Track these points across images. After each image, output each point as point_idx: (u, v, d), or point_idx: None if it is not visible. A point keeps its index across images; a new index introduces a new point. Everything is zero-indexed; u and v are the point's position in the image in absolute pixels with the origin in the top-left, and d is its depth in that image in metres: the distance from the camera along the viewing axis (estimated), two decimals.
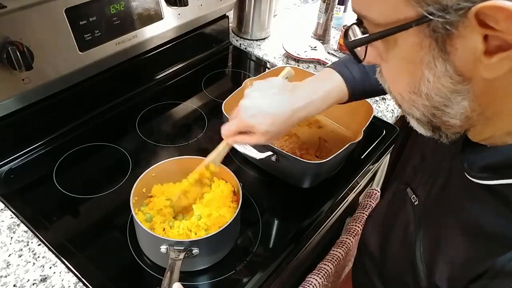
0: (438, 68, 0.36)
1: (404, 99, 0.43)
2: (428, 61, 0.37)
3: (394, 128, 1.02)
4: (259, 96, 0.63)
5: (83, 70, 0.87)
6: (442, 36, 0.34)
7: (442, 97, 0.39)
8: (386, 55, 0.41)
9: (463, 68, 0.36)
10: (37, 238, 0.71)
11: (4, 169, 0.83)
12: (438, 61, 0.36)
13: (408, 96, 0.42)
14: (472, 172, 0.44)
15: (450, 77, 0.37)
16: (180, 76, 1.15)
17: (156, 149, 0.91)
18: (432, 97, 0.39)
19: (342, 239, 0.93)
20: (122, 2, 0.89)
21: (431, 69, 0.37)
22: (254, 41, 1.32)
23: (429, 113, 0.41)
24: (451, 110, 0.40)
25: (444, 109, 0.40)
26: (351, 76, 0.66)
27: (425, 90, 0.39)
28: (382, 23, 0.37)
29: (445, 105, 0.39)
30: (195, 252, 0.64)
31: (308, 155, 0.91)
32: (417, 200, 0.58)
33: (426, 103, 0.40)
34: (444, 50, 0.35)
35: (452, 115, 0.40)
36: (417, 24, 0.34)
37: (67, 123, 0.93)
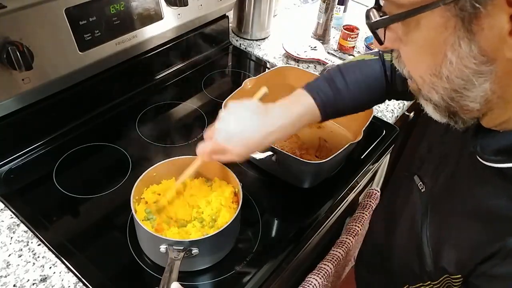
0: (463, 48, 0.36)
1: (425, 82, 0.42)
2: (453, 42, 0.36)
3: (394, 128, 1.02)
4: (233, 120, 0.64)
5: (83, 70, 0.87)
6: (469, 15, 0.34)
7: (464, 79, 0.38)
8: (406, 38, 0.40)
9: (488, 48, 0.36)
10: (37, 238, 0.71)
11: (4, 169, 0.83)
12: (463, 41, 0.36)
13: (429, 79, 0.41)
14: (485, 156, 0.44)
15: (474, 57, 0.36)
16: (180, 76, 1.15)
17: (156, 149, 0.91)
18: (453, 79, 0.39)
19: (342, 239, 0.93)
20: (122, 2, 0.89)
21: (454, 50, 0.37)
22: (254, 41, 1.32)
23: (448, 97, 0.41)
24: (471, 93, 0.39)
25: (464, 92, 0.39)
26: (322, 99, 0.67)
27: (446, 72, 0.39)
28: (406, 3, 0.37)
29: (465, 88, 0.39)
30: (195, 252, 0.64)
31: (308, 155, 0.91)
32: (424, 187, 0.58)
33: (447, 85, 0.40)
34: (470, 30, 0.35)
35: (472, 98, 0.40)
36: (445, 3, 0.34)
37: (67, 123, 0.93)
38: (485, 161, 0.44)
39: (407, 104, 1.14)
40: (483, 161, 0.44)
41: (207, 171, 0.78)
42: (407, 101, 1.12)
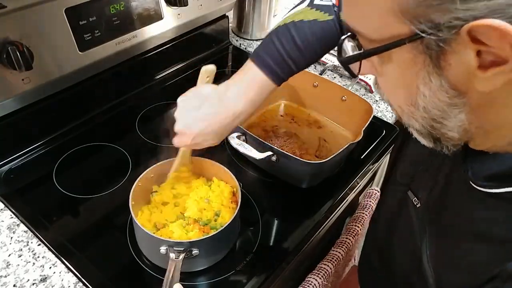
0: (433, 83, 0.37)
1: (403, 111, 0.43)
2: (423, 76, 0.37)
3: (394, 128, 1.02)
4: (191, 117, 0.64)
5: (83, 70, 0.87)
6: (436, 52, 0.34)
7: (440, 110, 0.39)
8: (381, 69, 0.41)
9: (458, 83, 0.36)
10: (37, 238, 0.71)
11: (4, 169, 0.83)
12: (433, 76, 0.36)
13: (407, 108, 0.42)
14: (478, 181, 0.44)
15: (446, 91, 0.37)
16: (180, 76, 1.15)
17: (156, 149, 0.91)
18: (430, 110, 0.39)
19: (342, 239, 0.93)
20: (122, 2, 0.89)
21: (426, 84, 0.37)
22: (254, 41, 1.32)
23: (428, 125, 0.41)
24: (449, 123, 0.40)
25: (442, 121, 0.40)
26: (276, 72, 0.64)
27: (422, 103, 0.39)
28: (376, 39, 0.37)
29: (443, 118, 0.39)
30: (195, 252, 0.64)
31: (308, 155, 0.91)
32: (419, 202, 0.57)
33: (425, 115, 0.40)
34: (438, 66, 0.35)
35: (450, 128, 0.40)
36: (410, 41, 0.34)
37: (67, 123, 0.93)
38: (477, 186, 0.44)
39: None
40: (475, 186, 0.44)
41: (206, 171, 0.78)
42: None
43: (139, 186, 0.71)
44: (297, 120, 1.01)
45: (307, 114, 1.02)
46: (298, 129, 0.99)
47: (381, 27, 0.36)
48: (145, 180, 0.72)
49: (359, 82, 1.15)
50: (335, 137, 0.97)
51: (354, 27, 0.39)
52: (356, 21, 0.39)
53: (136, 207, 0.70)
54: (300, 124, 1.00)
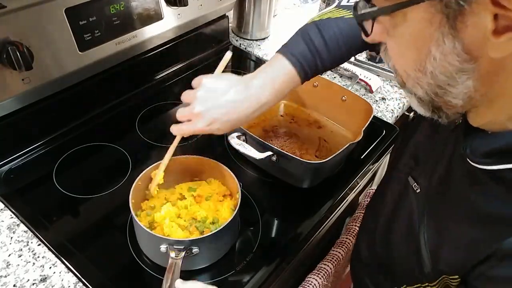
0: (447, 45, 0.37)
1: (409, 76, 0.43)
2: (437, 37, 0.37)
3: (394, 128, 1.02)
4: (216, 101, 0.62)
5: (83, 70, 0.87)
6: (453, 12, 0.34)
7: (447, 75, 0.39)
8: (393, 31, 0.41)
9: (471, 46, 0.36)
10: (37, 238, 0.71)
11: (4, 169, 0.83)
12: (447, 38, 0.36)
13: (413, 74, 0.42)
14: (475, 158, 0.44)
15: (458, 55, 0.37)
16: (180, 76, 1.15)
17: (156, 149, 0.91)
18: (437, 75, 0.39)
19: (342, 239, 0.93)
20: (122, 2, 0.89)
21: (439, 46, 0.37)
22: (254, 41, 1.32)
23: (432, 92, 0.42)
24: (454, 90, 0.40)
25: (448, 88, 0.40)
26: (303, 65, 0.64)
27: (430, 68, 0.39)
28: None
29: (449, 84, 0.39)
30: (195, 251, 0.64)
31: (308, 155, 0.91)
32: (419, 188, 0.58)
33: (431, 81, 0.40)
34: (454, 27, 0.35)
35: (455, 95, 0.40)
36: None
37: (67, 123, 0.93)
38: (475, 164, 0.44)
39: (407, 104, 1.14)
40: (474, 163, 0.44)
41: (205, 170, 0.78)
42: None
43: (139, 185, 0.71)
44: (297, 120, 1.01)
45: (307, 114, 1.02)
46: (298, 129, 0.99)
47: None
48: (145, 179, 0.72)
49: (359, 82, 1.15)
50: (335, 137, 0.97)
51: None
52: None
53: (136, 206, 0.70)
54: (300, 124, 1.00)
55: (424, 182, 0.57)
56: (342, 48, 0.65)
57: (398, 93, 1.15)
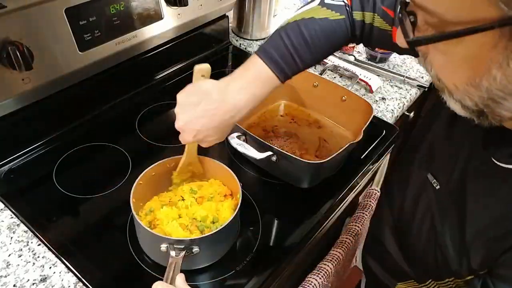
0: (511, 67, 0.35)
1: (458, 89, 0.41)
2: (501, 61, 0.35)
3: (394, 128, 1.02)
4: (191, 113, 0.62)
5: (83, 70, 0.87)
6: None
7: (505, 92, 0.37)
8: (445, 48, 0.38)
9: None
10: (37, 238, 0.71)
11: (4, 169, 0.83)
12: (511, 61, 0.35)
13: (463, 88, 0.40)
14: (499, 157, 0.44)
15: None
16: (180, 76, 1.15)
17: (156, 149, 0.91)
18: (492, 90, 0.38)
19: (342, 239, 0.93)
20: (122, 2, 0.89)
21: (501, 68, 0.35)
22: (254, 41, 1.32)
23: (482, 104, 0.40)
24: (508, 104, 0.38)
25: (501, 101, 0.38)
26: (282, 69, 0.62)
27: (486, 84, 0.37)
28: (454, 20, 0.35)
29: (504, 99, 0.38)
30: (195, 250, 0.64)
31: (308, 155, 0.91)
32: (438, 184, 0.57)
33: (484, 95, 0.39)
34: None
35: (506, 108, 0.39)
36: (500, 26, 0.33)
37: (67, 123, 0.93)
38: (499, 163, 0.44)
39: (407, 104, 1.14)
40: (497, 162, 0.44)
41: (206, 169, 0.78)
42: None
43: (140, 184, 0.71)
44: (297, 120, 1.01)
45: (307, 114, 1.02)
46: (298, 129, 0.99)
47: (464, 8, 0.34)
48: (146, 178, 0.72)
49: (359, 82, 1.15)
50: (335, 137, 0.97)
51: (425, 5, 0.37)
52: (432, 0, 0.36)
53: (137, 205, 0.70)
54: (300, 124, 1.00)
55: (444, 179, 0.57)
56: (324, 49, 0.64)
57: (398, 93, 1.15)
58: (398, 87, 1.17)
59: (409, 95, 1.14)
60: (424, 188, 0.61)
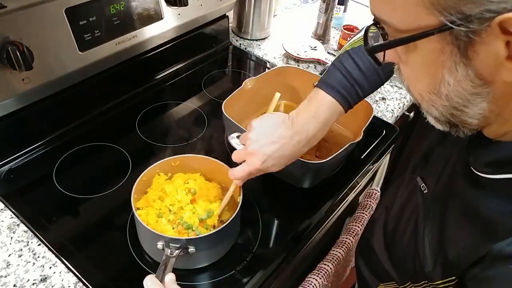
0: (459, 72, 0.37)
1: (423, 98, 0.43)
2: (450, 66, 0.37)
3: (394, 128, 1.02)
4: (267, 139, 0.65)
5: (83, 70, 0.87)
6: (464, 43, 0.35)
7: (462, 98, 0.39)
8: (406, 58, 0.42)
9: (484, 72, 0.37)
10: (37, 238, 0.71)
11: (4, 169, 0.83)
12: (459, 66, 0.37)
13: (427, 96, 0.42)
14: (478, 167, 0.45)
15: (471, 80, 0.38)
16: (180, 76, 1.15)
17: (156, 149, 0.91)
18: (452, 98, 0.40)
19: (342, 239, 0.93)
20: (122, 2, 0.89)
21: (452, 73, 0.38)
22: (254, 41, 1.32)
23: (447, 113, 0.42)
24: (469, 111, 0.40)
25: (463, 109, 0.41)
26: (344, 96, 0.67)
27: (445, 91, 0.40)
28: (403, 29, 0.38)
29: (464, 106, 0.40)
30: (191, 250, 0.64)
31: (308, 155, 0.91)
32: (427, 189, 0.59)
33: (446, 103, 0.41)
34: (465, 56, 0.36)
35: (470, 115, 0.41)
36: (439, 32, 0.35)
37: (67, 123, 0.93)
38: (477, 172, 0.45)
39: (407, 104, 1.14)
40: (476, 171, 0.46)
41: (206, 171, 0.78)
42: None
43: (143, 180, 0.71)
44: None
45: None
46: None
47: (409, 18, 0.37)
48: (149, 176, 0.72)
49: None
50: (335, 137, 0.97)
51: (381, 17, 0.40)
52: (384, 11, 0.40)
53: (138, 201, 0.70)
54: None
55: (432, 183, 0.58)
56: (379, 71, 0.68)
57: (398, 93, 1.15)
58: (398, 87, 1.17)
59: (409, 95, 1.14)
60: (413, 191, 0.62)
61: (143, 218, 0.68)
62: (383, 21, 0.40)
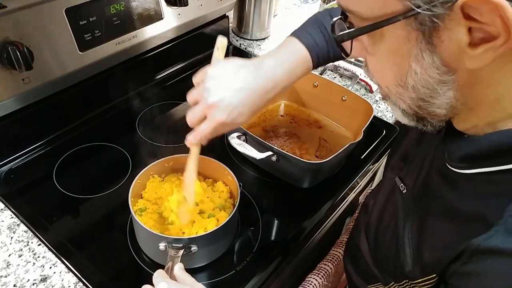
0: (426, 60, 0.38)
1: (391, 92, 0.44)
2: (416, 53, 0.38)
3: (394, 128, 1.02)
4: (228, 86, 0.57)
5: (83, 70, 0.87)
6: (428, 29, 0.36)
7: (429, 88, 0.40)
8: (372, 49, 0.42)
9: (449, 59, 0.37)
10: (37, 238, 0.71)
11: (4, 169, 0.83)
12: (425, 53, 0.37)
13: (394, 89, 0.43)
14: (452, 162, 0.46)
15: (437, 68, 0.38)
16: (180, 76, 1.15)
17: (156, 149, 0.91)
18: (419, 89, 0.40)
19: (342, 239, 0.93)
20: (122, 2, 0.89)
21: (418, 61, 0.38)
22: (254, 41, 1.32)
23: (415, 105, 0.43)
24: (436, 101, 0.41)
25: (430, 100, 0.41)
26: (314, 47, 0.63)
27: (411, 82, 0.40)
28: (370, 17, 0.38)
29: (431, 96, 0.41)
30: (194, 249, 0.64)
31: (308, 155, 0.91)
32: (405, 188, 0.59)
33: (413, 95, 0.42)
34: (431, 43, 0.37)
35: (437, 105, 0.42)
36: (404, 18, 0.36)
37: (67, 123, 0.93)
38: (452, 167, 0.46)
39: None
40: (450, 167, 0.46)
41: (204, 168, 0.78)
42: None
43: (138, 183, 0.71)
44: (297, 120, 1.01)
45: (307, 114, 1.02)
46: (298, 129, 0.99)
47: (375, 5, 0.37)
48: (144, 178, 0.72)
49: (359, 82, 1.15)
50: (335, 137, 0.97)
51: (348, 7, 0.41)
52: (350, 1, 0.40)
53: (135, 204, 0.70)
54: (300, 124, 1.00)
55: (410, 182, 0.58)
56: None
57: None
58: None
59: None
60: (393, 192, 0.62)
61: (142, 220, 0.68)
62: (350, 11, 0.40)
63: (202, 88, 0.58)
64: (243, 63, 0.60)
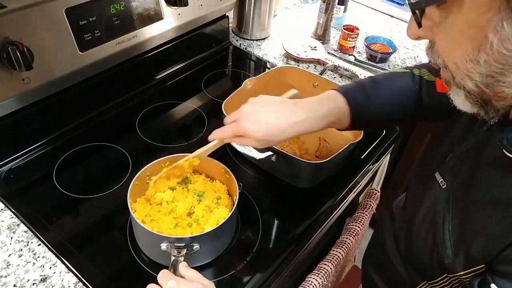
0: (506, 30, 0.36)
1: (459, 68, 0.42)
2: (496, 22, 0.36)
3: (394, 128, 1.02)
4: (261, 106, 0.65)
5: (83, 70, 0.87)
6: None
7: (502, 63, 0.38)
8: (445, 23, 0.41)
9: None
10: (37, 238, 0.71)
11: (4, 169, 0.83)
12: (506, 22, 0.36)
13: (463, 65, 0.41)
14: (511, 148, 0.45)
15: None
16: (180, 76, 1.15)
17: (156, 149, 0.91)
18: (491, 63, 0.39)
19: (342, 239, 0.93)
20: (122, 2, 0.89)
21: (497, 32, 0.36)
22: (254, 41, 1.32)
23: (483, 83, 0.41)
24: (507, 79, 0.39)
25: (500, 77, 0.39)
26: (354, 102, 0.66)
27: (484, 56, 0.39)
28: None
29: (502, 73, 0.39)
30: (196, 248, 0.64)
31: (308, 155, 0.91)
32: (445, 184, 0.59)
33: (483, 70, 0.40)
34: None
35: (508, 84, 0.40)
36: None
37: (67, 123, 0.93)
38: (510, 154, 0.45)
39: None
40: (508, 153, 0.45)
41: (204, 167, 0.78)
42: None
43: (136, 185, 0.71)
44: None
45: None
46: None
47: None
48: (142, 179, 0.72)
49: None
50: (335, 137, 0.97)
51: None
52: None
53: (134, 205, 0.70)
54: None
55: (451, 176, 0.58)
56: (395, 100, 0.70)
57: None
58: None
59: None
60: (431, 186, 0.62)
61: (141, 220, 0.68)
62: None
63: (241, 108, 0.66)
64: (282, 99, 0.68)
